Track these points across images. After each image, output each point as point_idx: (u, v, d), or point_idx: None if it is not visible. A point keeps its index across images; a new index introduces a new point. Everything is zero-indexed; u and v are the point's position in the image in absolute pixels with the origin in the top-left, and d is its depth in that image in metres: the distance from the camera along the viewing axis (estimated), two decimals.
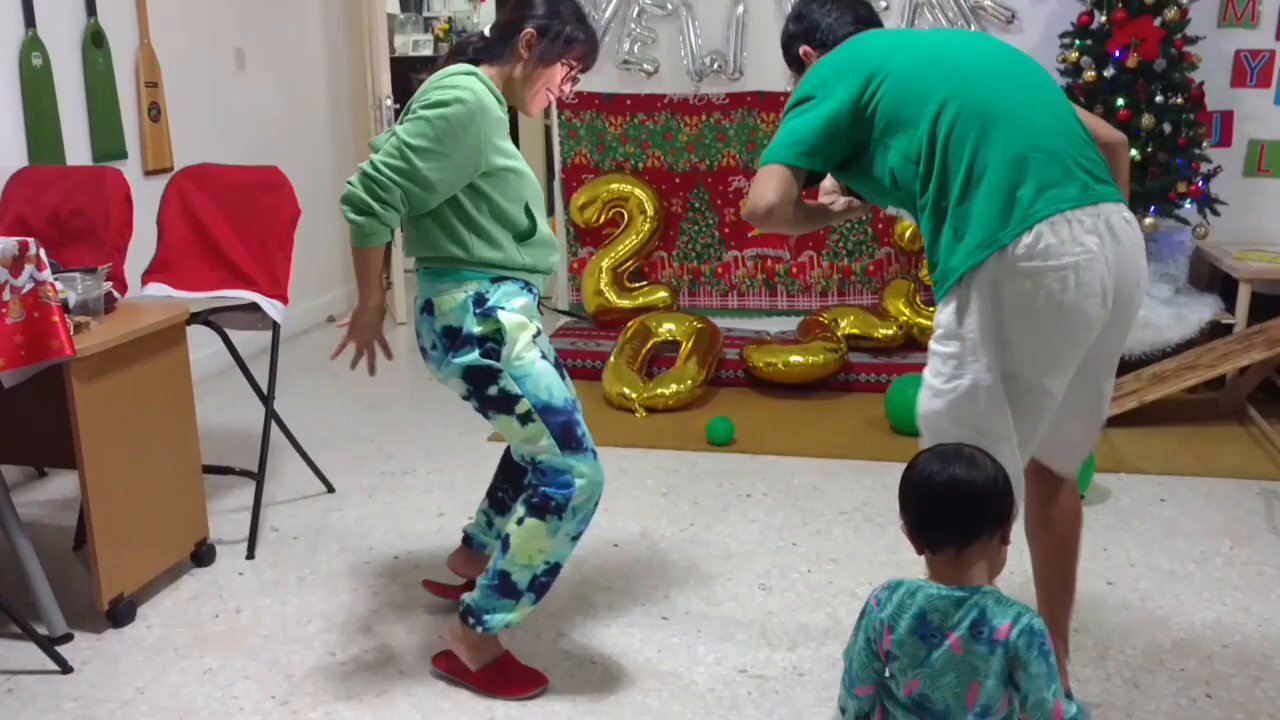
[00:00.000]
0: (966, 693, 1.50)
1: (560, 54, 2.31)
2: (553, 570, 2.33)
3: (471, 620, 2.34)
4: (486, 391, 2.27)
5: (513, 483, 2.60)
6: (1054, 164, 1.86)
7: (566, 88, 2.39)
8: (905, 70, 1.95)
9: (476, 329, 2.24)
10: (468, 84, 2.19)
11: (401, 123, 2.21)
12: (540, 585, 2.33)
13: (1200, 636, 2.59)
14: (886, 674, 1.61)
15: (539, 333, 2.33)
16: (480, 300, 2.25)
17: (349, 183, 2.17)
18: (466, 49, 2.35)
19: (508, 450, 2.63)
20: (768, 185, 1.98)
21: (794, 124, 2.01)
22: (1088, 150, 1.92)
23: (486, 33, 2.36)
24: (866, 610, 1.63)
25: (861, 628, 1.63)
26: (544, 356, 2.31)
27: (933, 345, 2.01)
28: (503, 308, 2.25)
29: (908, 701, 1.56)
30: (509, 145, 2.29)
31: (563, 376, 2.42)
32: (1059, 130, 1.91)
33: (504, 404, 2.27)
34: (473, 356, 2.24)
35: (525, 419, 2.26)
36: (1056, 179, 1.85)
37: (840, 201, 2.28)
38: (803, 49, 2.20)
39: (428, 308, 2.30)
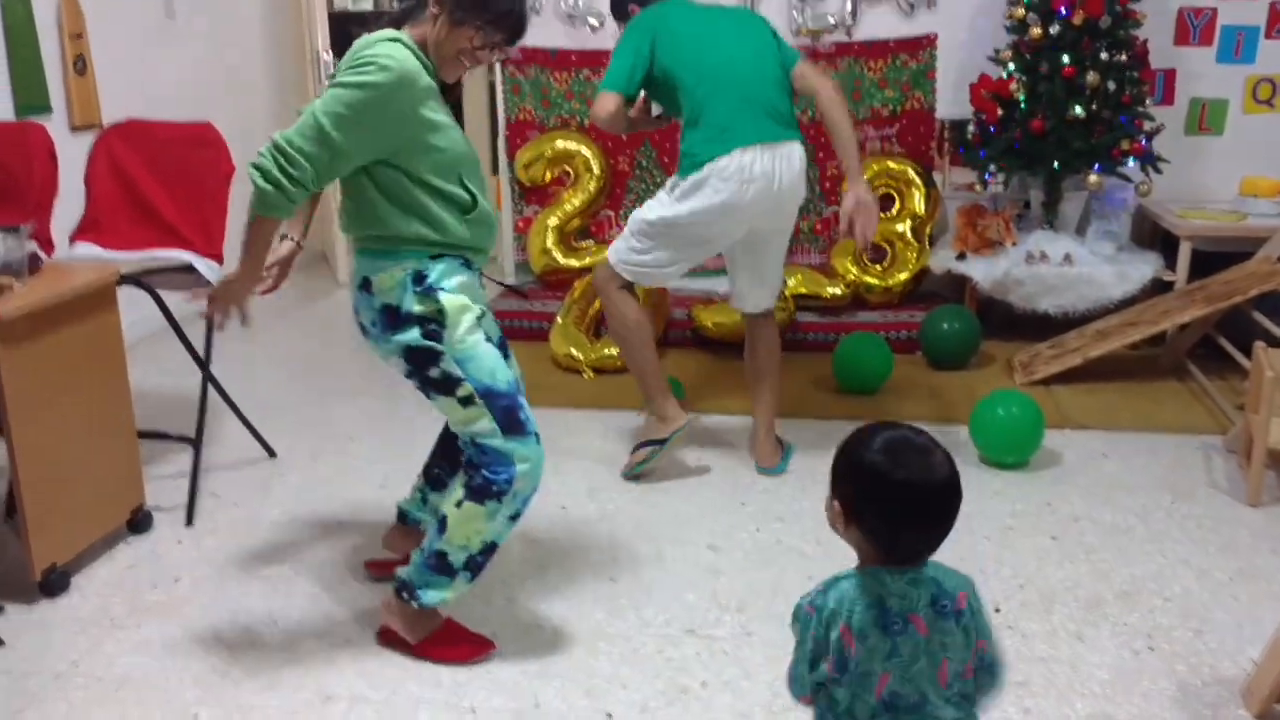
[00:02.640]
0: (938, 674, 1.41)
1: (468, 15, 2.13)
2: (489, 549, 2.29)
3: (405, 595, 2.31)
4: (428, 372, 2.21)
5: (449, 460, 2.55)
6: (749, 109, 3.04)
7: (482, 55, 2.20)
8: (676, 37, 3.10)
9: (416, 308, 2.17)
10: (389, 51, 2.08)
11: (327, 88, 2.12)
12: (476, 564, 2.29)
13: (1142, 589, 2.63)
14: (835, 682, 1.44)
15: (483, 314, 2.27)
16: (419, 278, 2.18)
17: (260, 151, 2.07)
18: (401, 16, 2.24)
19: (446, 426, 2.58)
20: (606, 102, 3.08)
21: (617, 63, 3.11)
22: (778, 102, 3.09)
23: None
24: (804, 623, 1.45)
25: (811, 632, 1.44)
26: (488, 338, 2.25)
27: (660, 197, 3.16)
28: (443, 287, 2.19)
29: (876, 706, 1.41)
30: (439, 116, 2.16)
31: (506, 357, 2.38)
32: (760, 87, 3.07)
33: (446, 386, 2.21)
34: (413, 335, 2.18)
35: (467, 401, 2.20)
36: (748, 121, 3.03)
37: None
38: (631, 7, 3.24)
39: (365, 285, 2.21)
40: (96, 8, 4.22)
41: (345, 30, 2.25)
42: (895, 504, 1.40)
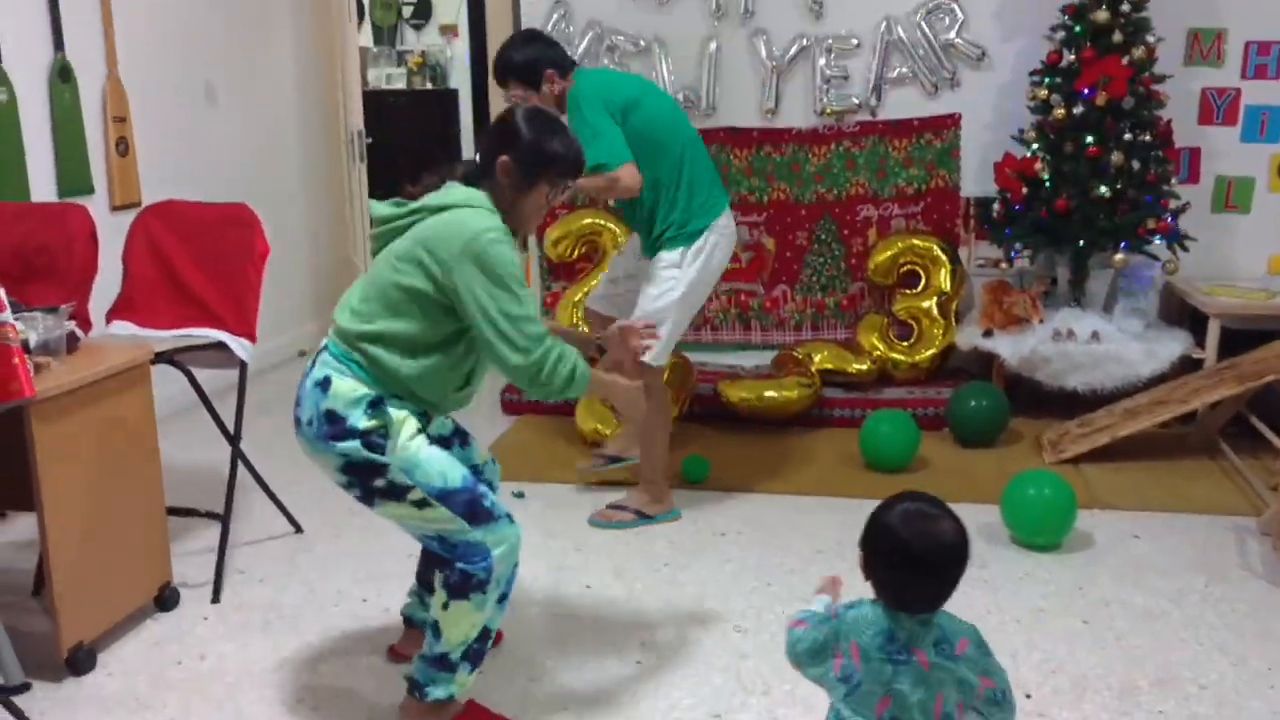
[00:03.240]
0: (934, 705, 1.59)
1: (540, 177, 2.29)
2: (484, 635, 2.29)
3: (417, 693, 2.31)
4: (373, 483, 2.22)
5: (437, 565, 2.55)
6: (716, 171, 3.46)
7: (555, 199, 2.38)
8: (645, 102, 3.31)
9: (362, 424, 2.19)
10: (494, 223, 2.19)
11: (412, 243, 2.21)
12: (475, 653, 2.29)
13: (1177, 676, 2.58)
14: (838, 694, 1.65)
15: (421, 426, 2.28)
16: (375, 402, 2.22)
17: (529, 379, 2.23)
18: (460, 168, 2.34)
19: None
20: (633, 171, 3.18)
21: (608, 135, 3.18)
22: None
23: (475, 158, 2.36)
24: (825, 620, 1.68)
25: (821, 631, 1.67)
26: (437, 438, 2.31)
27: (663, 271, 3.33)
28: (389, 413, 2.23)
29: None
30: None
31: (466, 445, 2.46)
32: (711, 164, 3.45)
33: (394, 494, 2.22)
34: (354, 445, 2.18)
35: (422, 504, 2.21)
36: (719, 183, 3.46)
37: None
38: (548, 71, 3.27)
39: (324, 384, 2.22)
40: (140, 92, 4.35)
41: (378, 108, 2.31)
42: (898, 560, 1.62)
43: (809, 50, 4.72)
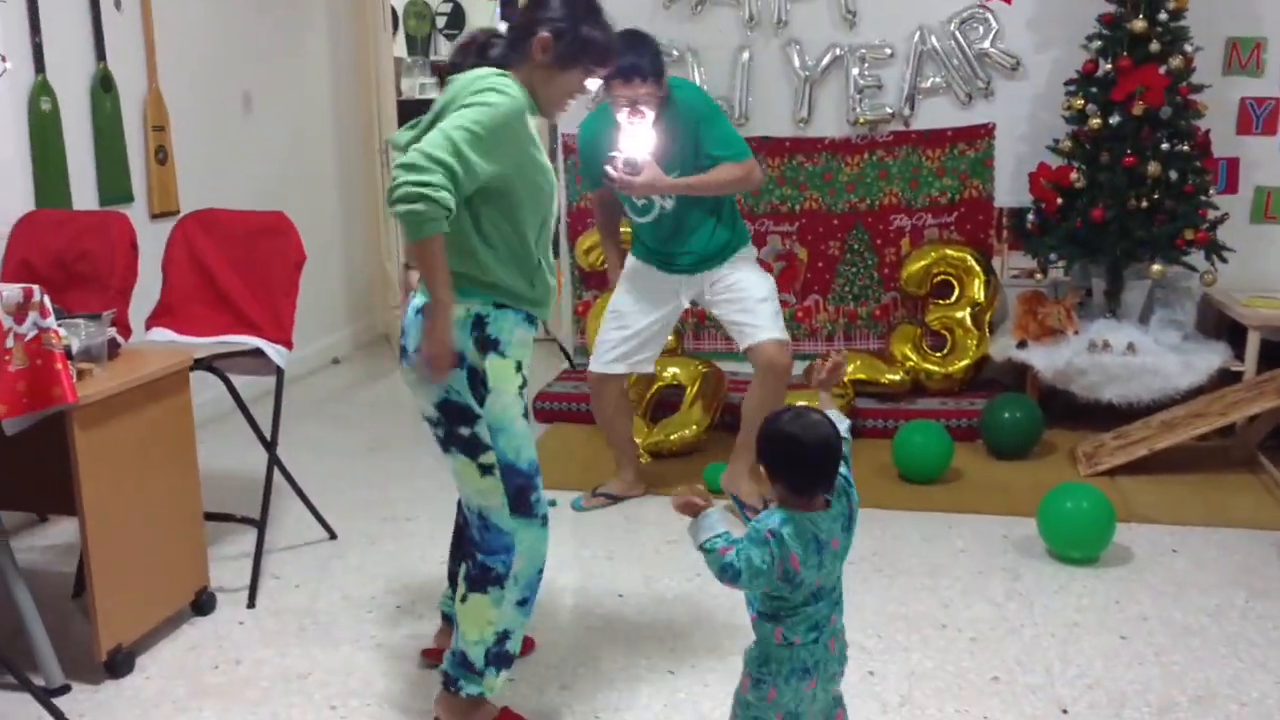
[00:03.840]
0: (843, 564, 1.92)
1: (577, 57, 2.20)
2: (504, 637, 2.27)
3: (451, 687, 2.31)
4: (457, 429, 2.20)
5: (462, 558, 2.55)
6: None
7: (585, 90, 2.30)
8: None
9: (469, 354, 2.14)
10: (506, 82, 2.10)
11: (438, 121, 2.10)
12: (496, 656, 2.28)
13: (1217, 694, 2.54)
14: (782, 587, 1.86)
15: (524, 384, 2.24)
16: (479, 323, 2.15)
17: (393, 177, 2.00)
18: (484, 50, 2.23)
19: (457, 530, 2.59)
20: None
21: (735, 133, 3.40)
22: None
23: (501, 31, 2.27)
24: (763, 542, 1.83)
25: (770, 557, 1.83)
26: (524, 414, 2.26)
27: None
28: (498, 343, 2.17)
29: (809, 597, 1.86)
30: (542, 152, 2.20)
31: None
32: None
33: (470, 447, 2.21)
34: (458, 380, 2.15)
35: (486, 470, 2.21)
36: None
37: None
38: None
39: (425, 311, 2.15)
40: (179, 101, 4.41)
41: (413, 118, 2.28)
42: (798, 455, 1.85)
43: (842, 60, 4.71)
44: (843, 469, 1.92)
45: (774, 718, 1.89)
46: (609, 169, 3.24)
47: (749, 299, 3.44)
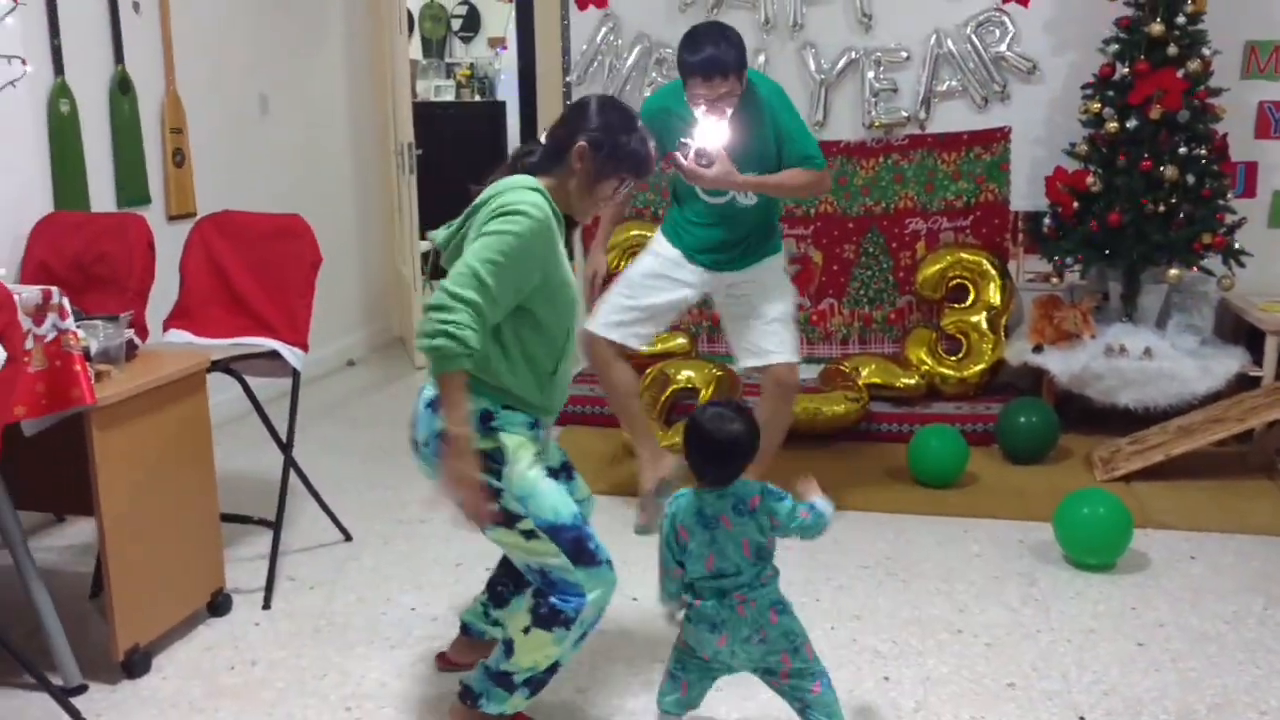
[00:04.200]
0: (742, 550, 2.14)
1: (615, 168, 2.27)
2: (553, 668, 2.28)
3: (469, 701, 2.31)
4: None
5: (513, 578, 2.54)
6: None
7: (619, 196, 2.37)
8: None
9: (477, 445, 2.17)
10: (534, 200, 2.15)
11: (469, 235, 2.16)
12: (537, 683, 2.28)
13: (1235, 701, 2.53)
14: (683, 564, 2.18)
15: (541, 450, 2.27)
16: (486, 417, 2.20)
17: (424, 314, 2.07)
18: (515, 162, 2.32)
19: None
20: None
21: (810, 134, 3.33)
22: None
23: (542, 140, 2.33)
24: (664, 524, 2.20)
25: (664, 531, 2.20)
26: (549, 471, 2.27)
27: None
28: (504, 429, 2.21)
29: (709, 575, 2.14)
30: (565, 264, 2.24)
31: (571, 479, 2.41)
32: None
33: (506, 520, 2.20)
34: None
35: (530, 535, 2.20)
36: None
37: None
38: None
39: (433, 404, 2.21)
40: (197, 104, 4.43)
41: (428, 120, 2.28)
42: (697, 447, 2.18)
43: (858, 63, 4.70)
44: (781, 497, 2.20)
45: (689, 655, 2.24)
46: (678, 155, 3.14)
47: (762, 317, 3.40)
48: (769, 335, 3.40)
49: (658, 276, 3.50)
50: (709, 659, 2.21)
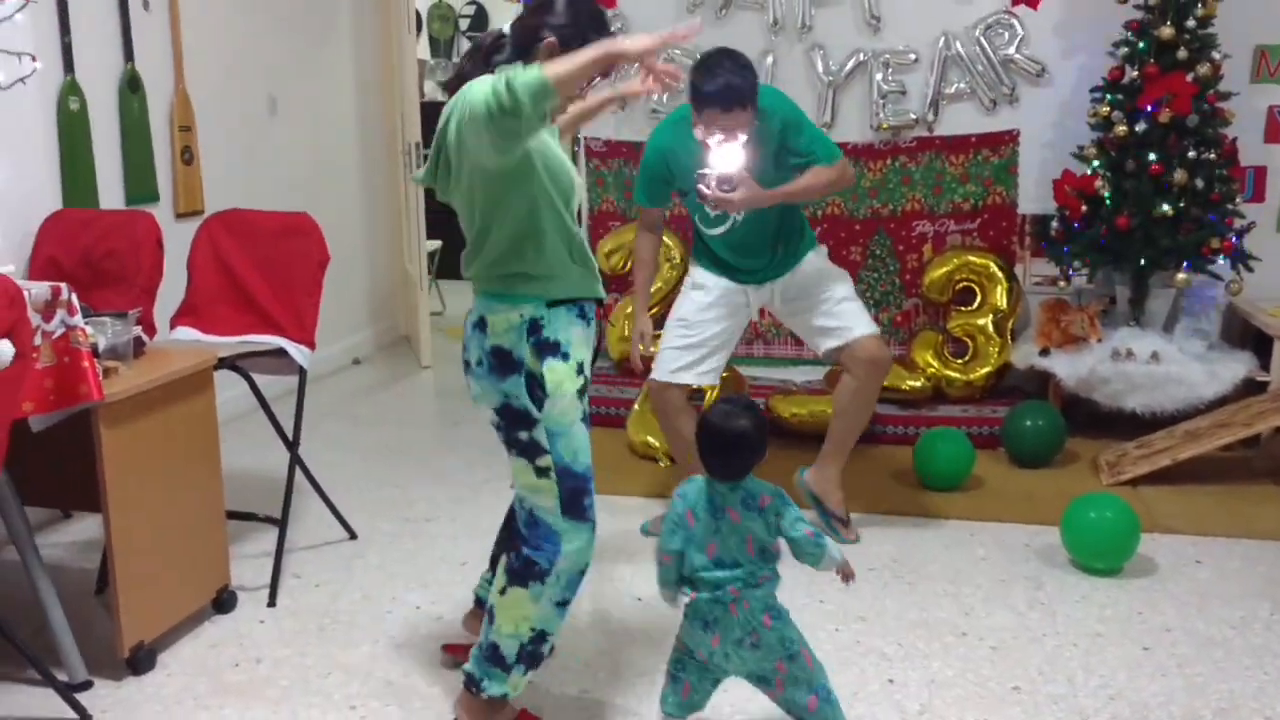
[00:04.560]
0: (746, 546, 2.17)
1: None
2: (540, 638, 2.28)
3: (473, 688, 2.31)
4: (517, 433, 2.22)
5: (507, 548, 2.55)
6: None
7: (586, 94, 2.31)
8: None
9: (529, 360, 2.16)
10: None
11: (450, 142, 2.09)
12: (529, 655, 2.28)
13: (1242, 707, 2.52)
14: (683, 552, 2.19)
15: (586, 384, 2.26)
16: (534, 327, 2.17)
17: (488, 99, 1.93)
18: (489, 55, 2.23)
19: (510, 515, 2.60)
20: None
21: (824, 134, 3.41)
22: None
23: (505, 32, 2.24)
24: (674, 502, 2.22)
25: (671, 511, 2.21)
26: (583, 417, 2.27)
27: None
28: (558, 346, 2.18)
29: (709, 563, 2.16)
30: (555, 143, 2.22)
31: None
32: None
33: (528, 451, 2.22)
34: (517, 387, 2.16)
35: (542, 472, 2.22)
36: None
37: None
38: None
39: (480, 324, 2.20)
40: (205, 102, 4.44)
41: (436, 120, 2.26)
42: (707, 442, 2.20)
43: (866, 65, 4.70)
44: (791, 504, 2.22)
45: (688, 655, 2.24)
46: (701, 188, 3.09)
47: (829, 300, 3.38)
48: (842, 314, 3.38)
49: (710, 307, 3.43)
50: (706, 660, 2.21)
